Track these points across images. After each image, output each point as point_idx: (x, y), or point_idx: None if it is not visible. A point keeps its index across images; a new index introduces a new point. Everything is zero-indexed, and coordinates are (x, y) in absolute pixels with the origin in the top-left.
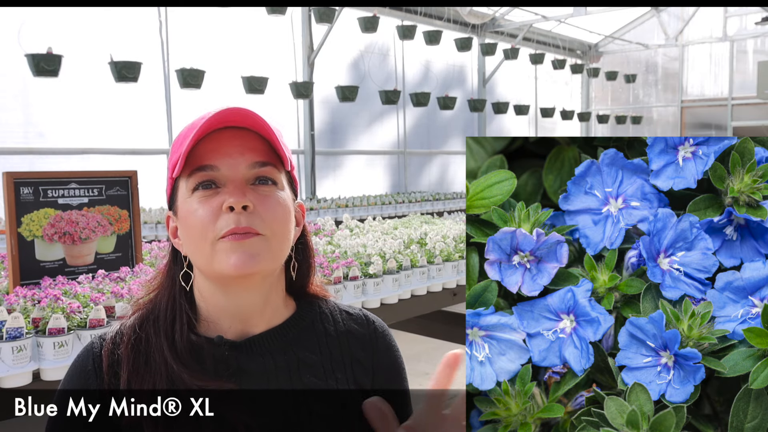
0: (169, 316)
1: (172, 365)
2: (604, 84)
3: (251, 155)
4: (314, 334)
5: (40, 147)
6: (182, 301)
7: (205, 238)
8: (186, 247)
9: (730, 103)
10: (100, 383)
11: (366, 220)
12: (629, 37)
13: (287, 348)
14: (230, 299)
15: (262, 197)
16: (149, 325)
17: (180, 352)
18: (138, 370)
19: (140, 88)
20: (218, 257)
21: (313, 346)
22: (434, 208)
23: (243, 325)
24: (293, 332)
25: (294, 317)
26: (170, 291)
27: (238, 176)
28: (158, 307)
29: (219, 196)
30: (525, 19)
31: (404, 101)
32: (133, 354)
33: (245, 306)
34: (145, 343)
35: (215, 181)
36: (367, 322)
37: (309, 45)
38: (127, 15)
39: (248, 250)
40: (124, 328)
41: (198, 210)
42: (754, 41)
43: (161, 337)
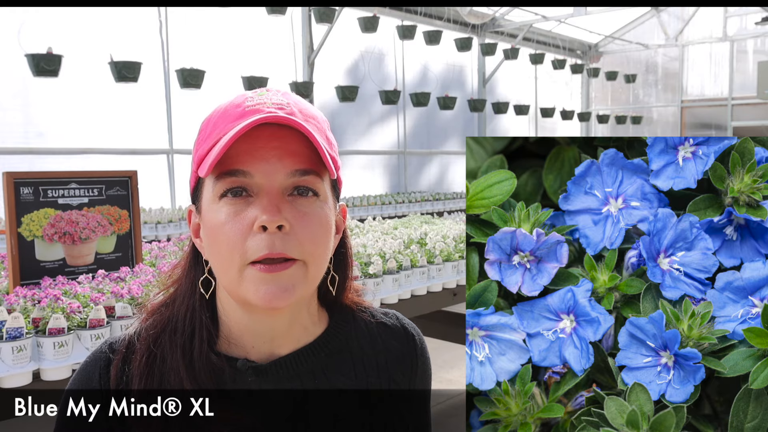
0: (188, 329)
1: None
2: (604, 84)
3: (291, 161)
4: (349, 354)
5: (40, 147)
6: (203, 313)
7: (232, 260)
8: (210, 259)
9: (730, 103)
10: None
11: (366, 220)
12: (629, 37)
13: (318, 372)
14: (255, 319)
15: (300, 215)
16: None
17: (198, 373)
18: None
19: (140, 88)
20: (246, 286)
21: (347, 370)
22: (434, 208)
23: (269, 345)
24: (325, 352)
25: (326, 335)
26: (190, 299)
27: (274, 186)
28: (176, 317)
29: (251, 208)
30: (525, 19)
31: (404, 101)
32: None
33: (272, 327)
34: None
35: (247, 188)
36: (405, 337)
37: (309, 45)
38: (127, 15)
39: (282, 284)
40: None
41: (226, 225)
42: (754, 41)
43: (177, 353)
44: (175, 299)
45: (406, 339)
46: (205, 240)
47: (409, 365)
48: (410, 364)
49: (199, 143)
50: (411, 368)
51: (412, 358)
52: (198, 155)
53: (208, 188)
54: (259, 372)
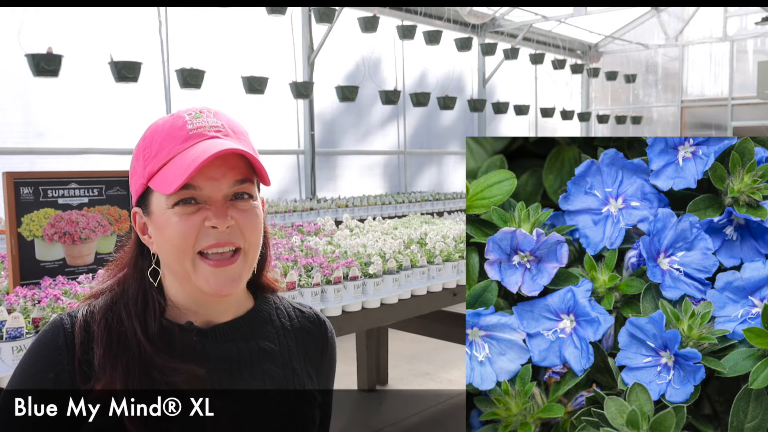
0: (140, 302)
1: (145, 347)
2: (604, 84)
3: (232, 174)
4: (272, 327)
5: (40, 147)
6: (153, 291)
7: (185, 250)
8: (161, 252)
9: (730, 103)
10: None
11: (366, 220)
12: (629, 37)
13: (249, 337)
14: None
15: (241, 212)
16: (120, 308)
17: (152, 335)
18: (111, 348)
19: (140, 88)
20: (198, 278)
21: (272, 337)
22: (434, 208)
23: (208, 314)
24: (254, 323)
25: (254, 310)
26: (139, 283)
27: (219, 196)
28: (127, 294)
29: (201, 212)
30: (525, 19)
31: (404, 101)
32: (107, 332)
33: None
34: (117, 323)
35: (196, 198)
36: (318, 322)
37: (309, 45)
38: (127, 15)
39: (230, 275)
40: (94, 308)
41: (178, 223)
42: (754, 41)
43: (134, 320)
44: (124, 282)
45: (318, 323)
46: (156, 235)
47: (320, 343)
48: (320, 342)
49: (147, 158)
50: (321, 346)
51: (323, 337)
52: (148, 170)
53: (160, 197)
54: (202, 334)
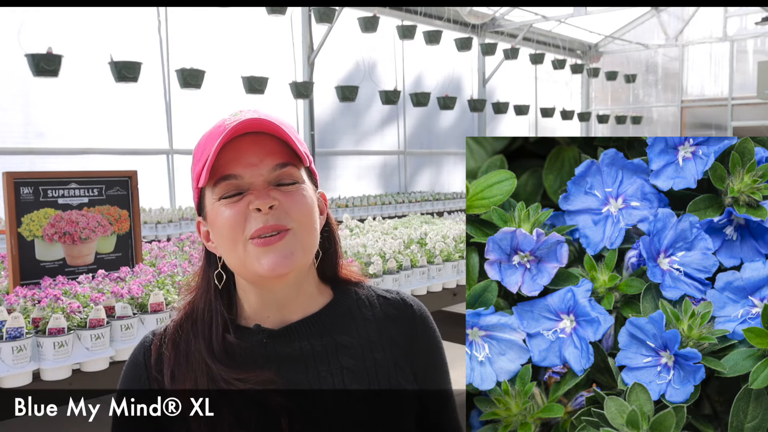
0: (206, 318)
1: (211, 365)
2: (604, 84)
3: (271, 159)
4: (351, 320)
5: (40, 147)
6: (218, 303)
7: (235, 239)
8: (220, 249)
9: (730, 103)
10: (149, 374)
11: (366, 220)
12: (629, 37)
13: (324, 333)
14: (265, 292)
15: (286, 194)
16: (188, 327)
17: (217, 353)
18: (180, 368)
19: (140, 88)
20: (251, 261)
21: (350, 330)
22: (434, 208)
23: (281, 314)
24: (330, 318)
25: (331, 304)
26: (206, 294)
27: (261, 181)
28: (196, 311)
29: (245, 198)
30: (525, 19)
31: (404, 101)
32: (175, 353)
33: (280, 297)
34: (185, 344)
35: (240, 189)
36: (404, 306)
37: (309, 45)
38: (127, 15)
39: (281, 251)
40: (169, 327)
41: (225, 212)
42: (754, 41)
43: (199, 339)
44: (195, 298)
45: (404, 307)
46: (213, 233)
47: (408, 325)
48: (408, 323)
49: (195, 164)
50: (410, 327)
51: (410, 319)
52: (195, 173)
53: (209, 196)
54: (272, 335)
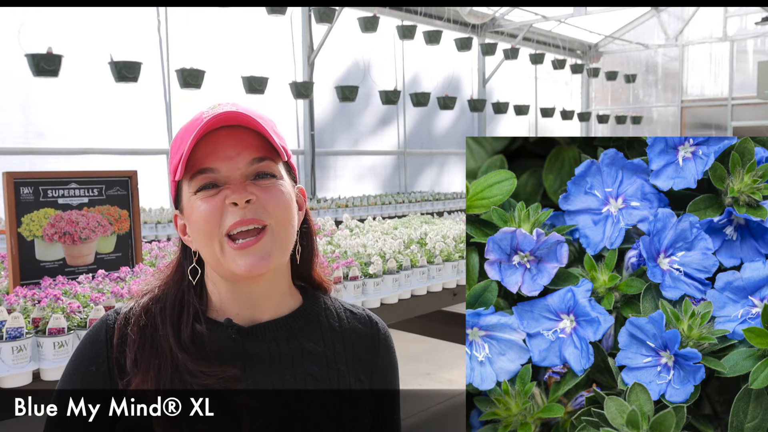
0: (177, 308)
1: (177, 353)
2: (604, 84)
3: (248, 153)
4: (319, 327)
5: (40, 147)
6: (190, 296)
7: (211, 233)
8: (196, 243)
9: (730, 103)
10: (110, 354)
11: (366, 220)
12: (629, 37)
13: (292, 337)
14: (238, 289)
15: (263, 189)
16: (156, 312)
17: (184, 341)
18: (144, 353)
19: (140, 88)
20: (228, 261)
21: (317, 338)
22: (434, 208)
23: (251, 311)
24: (299, 323)
25: (300, 309)
26: (179, 285)
27: (237, 175)
28: (166, 298)
29: (221, 193)
30: (525, 19)
31: (404, 101)
32: (140, 336)
33: (253, 295)
34: (152, 329)
35: (216, 182)
36: (370, 323)
37: (309, 45)
38: (127, 15)
39: (258, 253)
40: (135, 309)
41: (202, 206)
42: (754, 41)
43: (168, 326)
44: (166, 286)
45: (370, 324)
46: (189, 227)
47: (371, 341)
48: (372, 343)
49: (172, 157)
50: (373, 347)
51: (375, 336)
52: (172, 166)
53: (186, 189)
54: (241, 332)
